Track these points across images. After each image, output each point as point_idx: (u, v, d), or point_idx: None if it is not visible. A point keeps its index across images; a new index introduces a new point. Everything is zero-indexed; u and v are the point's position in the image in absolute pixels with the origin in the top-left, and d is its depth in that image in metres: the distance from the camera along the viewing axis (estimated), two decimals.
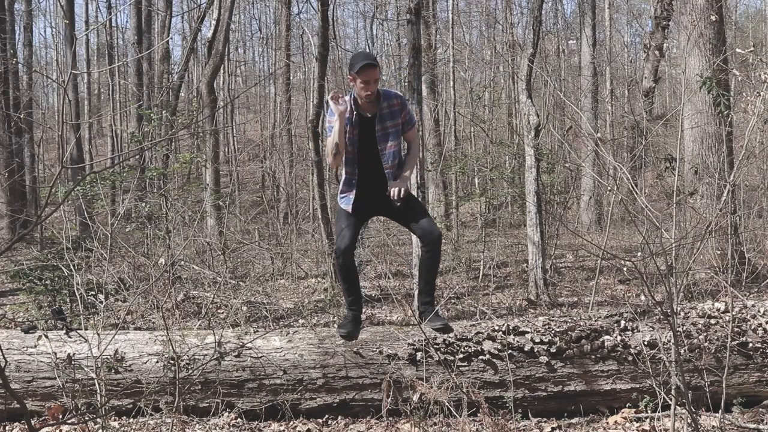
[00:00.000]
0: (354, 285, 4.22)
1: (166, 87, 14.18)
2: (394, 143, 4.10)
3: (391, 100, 4.06)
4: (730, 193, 5.43)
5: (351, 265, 4.15)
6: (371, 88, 3.94)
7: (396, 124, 4.08)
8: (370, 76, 3.90)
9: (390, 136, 4.07)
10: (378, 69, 3.93)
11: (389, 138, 4.07)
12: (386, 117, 4.05)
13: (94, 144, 27.29)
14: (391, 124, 4.07)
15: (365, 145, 4.06)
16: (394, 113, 4.06)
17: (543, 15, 10.26)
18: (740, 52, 4.74)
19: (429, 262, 4.14)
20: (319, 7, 9.27)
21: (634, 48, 28.88)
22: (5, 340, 4.20)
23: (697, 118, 8.33)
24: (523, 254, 9.66)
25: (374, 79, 3.92)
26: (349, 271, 4.15)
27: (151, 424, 3.90)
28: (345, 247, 4.03)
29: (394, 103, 4.06)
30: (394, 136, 4.09)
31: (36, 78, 23.29)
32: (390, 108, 4.06)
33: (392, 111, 4.06)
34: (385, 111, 4.05)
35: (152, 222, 8.08)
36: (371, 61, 3.90)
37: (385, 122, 4.05)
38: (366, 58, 3.95)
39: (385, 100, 4.05)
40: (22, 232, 1.91)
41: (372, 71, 3.89)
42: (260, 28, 29.86)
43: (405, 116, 4.11)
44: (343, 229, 4.10)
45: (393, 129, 4.07)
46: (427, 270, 4.18)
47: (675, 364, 3.42)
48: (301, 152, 18.95)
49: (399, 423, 3.84)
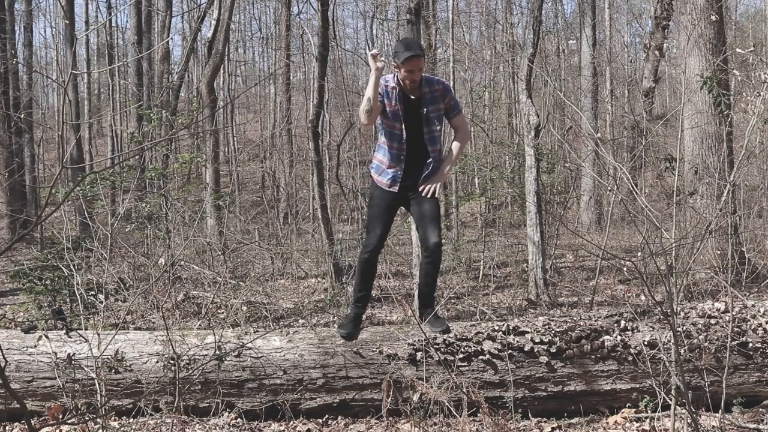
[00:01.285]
0: (369, 283, 4.27)
1: (166, 87, 14.18)
2: (437, 128, 4.13)
3: (434, 86, 4.10)
4: (730, 193, 5.43)
5: (374, 264, 4.21)
6: (416, 77, 3.97)
7: (438, 109, 4.11)
8: (415, 65, 3.93)
9: (434, 120, 4.09)
10: (423, 58, 3.94)
11: (433, 122, 4.09)
12: (429, 101, 4.07)
13: (94, 144, 27.29)
14: (433, 109, 4.09)
15: (409, 125, 4.08)
16: (436, 98, 4.09)
17: (543, 15, 10.26)
18: (740, 52, 4.74)
19: (428, 268, 4.17)
20: (319, 7, 9.26)
21: (634, 48, 28.88)
22: (5, 340, 4.20)
23: (697, 118, 8.33)
24: (523, 254, 9.66)
25: (419, 68, 3.95)
26: (370, 268, 4.21)
27: (151, 424, 3.90)
28: (374, 246, 4.11)
29: (437, 89, 4.10)
30: (438, 120, 4.11)
31: (36, 78, 23.29)
32: (432, 93, 4.08)
33: (434, 96, 4.09)
34: (427, 96, 4.07)
35: (152, 222, 8.08)
36: (417, 52, 3.90)
37: (428, 106, 4.07)
38: (411, 48, 3.93)
39: (427, 85, 4.08)
40: (23, 232, 1.91)
41: (417, 61, 3.91)
42: (260, 28, 29.88)
43: (449, 102, 4.14)
44: (375, 224, 4.14)
45: (435, 114, 4.10)
46: (426, 275, 4.21)
47: (675, 364, 3.42)
48: (301, 152, 18.95)
49: (399, 423, 3.84)
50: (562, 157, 13.27)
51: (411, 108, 4.07)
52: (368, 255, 4.11)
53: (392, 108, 4.06)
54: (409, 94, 4.07)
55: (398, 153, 4.12)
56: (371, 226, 4.18)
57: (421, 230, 4.15)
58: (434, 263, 4.13)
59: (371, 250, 4.10)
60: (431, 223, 4.10)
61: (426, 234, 4.08)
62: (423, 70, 4.00)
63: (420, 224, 4.18)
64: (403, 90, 4.06)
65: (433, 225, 4.09)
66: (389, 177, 4.15)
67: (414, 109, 4.07)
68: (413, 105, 4.07)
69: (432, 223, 4.10)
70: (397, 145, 4.11)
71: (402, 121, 4.05)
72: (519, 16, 21.24)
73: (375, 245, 4.10)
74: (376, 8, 21.87)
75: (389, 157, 4.14)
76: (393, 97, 4.05)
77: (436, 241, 4.05)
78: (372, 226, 4.17)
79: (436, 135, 4.14)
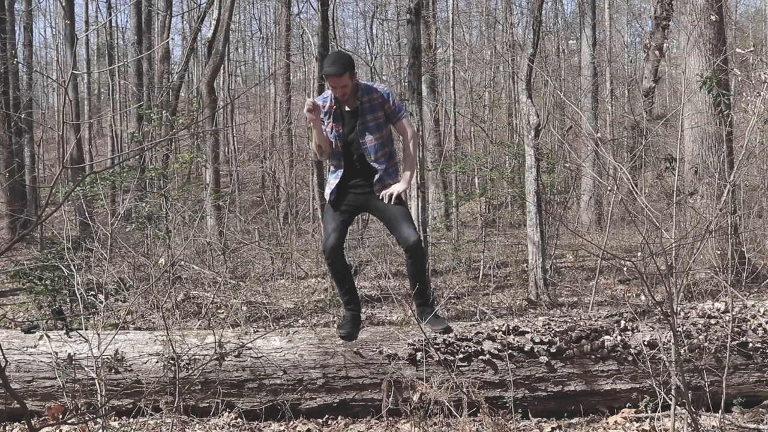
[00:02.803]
0: (348, 284, 4.23)
1: (166, 87, 14.18)
2: (375, 137, 4.10)
3: (372, 94, 4.08)
4: (730, 193, 5.43)
5: (341, 265, 4.17)
6: (339, 91, 3.98)
7: (377, 117, 4.09)
8: (335, 83, 3.94)
9: (370, 130, 4.08)
10: (344, 77, 3.90)
11: (369, 132, 4.08)
12: (366, 111, 4.07)
13: (94, 144, 27.30)
14: (372, 118, 4.08)
15: (349, 140, 4.11)
16: (374, 107, 4.08)
17: (543, 15, 10.26)
18: (740, 52, 4.74)
19: (412, 269, 4.16)
20: (319, 7, 9.26)
21: (634, 48, 28.89)
22: (5, 340, 4.20)
23: (697, 118, 8.33)
24: (523, 254, 9.66)
25: (340, 86, 3.95)
26: (340, 270, 4.17)
27: (151, 424, 3.90)
28: (331, 247, 4.06)
29: (375, 97, 4.08)
30: (375, 129, 4.09)
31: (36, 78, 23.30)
32: (371, 102, 4.07)
33: (373, 105, 4.08)
34: (365, 105, 4.07)
35: (152, 222, 8.08)
36: (334, 71, 3.88)
37: (365, 116, 4.07)
38: (331, 64, 3.91)
39: (365, 94, 4.07)
40: (23, 233, 1.91)
41: (335, 79, 3.91)
42: (260, 28, 29.90)
43: (389, 108, 4.11)
44: (328, 230, 4.15)
45: (373, 123, 4.09)
46: (412, 275, 4.19)
47: (675, 364, 3.42)
48: (301, 152, 18.96)
49: (399, 423, 3.84)
50: (562, 157, 13.28)
51: (348, 120, 4.10)
52: (330, 259, 4.09)
53: (331, 127, 4.11)
54: (346, 107, 4.08)
55: (335, 169, 4.19)
56: (326, 229, 4.19)
57: (396, 233, 4.14)
58: (416, 262, 4.10)
59: (330, 253, 4.06)
60: (402, 223, 4.08)
61: (400, 235, 4.06)
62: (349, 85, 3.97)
63: (391, 228, 4.18)
64: (341, 103, 4.07)
65: (404, 224, 4.07)
66: (331, 188, 4.20)
67: (351, 121, 4.10)
68: (351, 116, 4.10)
69: (403, 223, 4.08)
70: (335, 161, 4.18)
71: (339, 137, 4.10)
72: (519, 16, 21.27)
73: (332, 246, 4.07)
74: (376, 8, 21.88)
75: (331, 170, 4.24)
76: (330, 115, 4.10)
77: (414, 238, 4.03)
78: (327, 228, 4.18)
79: (376, 143, 4.11)
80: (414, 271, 4.14)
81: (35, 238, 9.04)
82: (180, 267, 7.90)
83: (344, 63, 3.92)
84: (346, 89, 3.97)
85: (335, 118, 4.10)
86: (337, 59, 3.95)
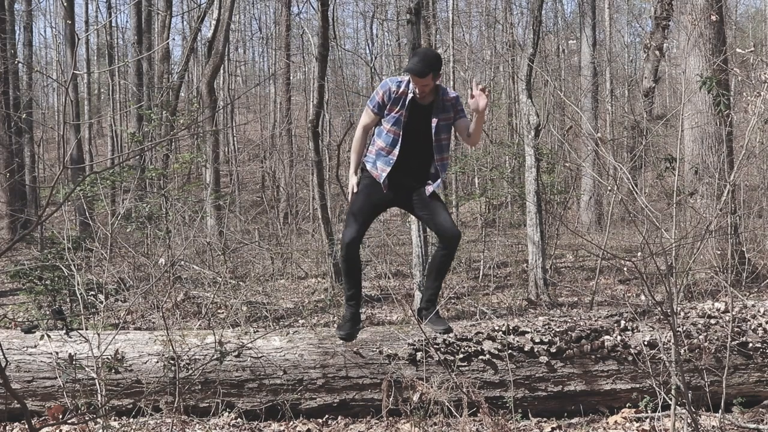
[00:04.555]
0: (356, 279, 4.22)
1: (166, 87, 14.18)
2: (446, 137, 4.15)
3: (447, 95, 4.12)
4: (730, 193, 5.43)
5: (355, 258, 4.15)
6: (420, 88, 3.98)
7: (448, 118, 4.13)
8: (416, 82, 3.94)
9: (442, 129, 4.12)
10: (427, 77, 3.91)
11: (443, 131, 4.12)
12: (441, 110, 4.09)
13: (94, 144, 27.30)
14: (444, 117, 4.11)
15: (412, 131, 4.08)
16: (447, 108, 4.11)
17: (543, 15, 10.26)
18: (740, 52, 4.74)
19: (442, 262, 4.16)
20: (319, 7, 9.26)
21: (634, 48, 28.87)
22: (5, 340, 4.20)
23: (697, 118, 8.33)
24: (523, 254, 9.66)
25: (422, 84, 3.95)
26: (352, 263, 4.14)
27: (151, 424, 3.91)
28: (351, 240, 4.04)
29: (448, 98, 4.11)
30: (445, 129, 4.14)
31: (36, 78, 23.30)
32: (443, 102, 4.10)
33: (445, 106, 4.11)
34: (441, 104, 4.09)
35: (152, 222, 8.08)
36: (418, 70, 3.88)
37: (439, 114, 4.09)
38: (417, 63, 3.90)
39: (442, 93, 4.10)
40: (23, 233, 1.91)
41: (417, 79, 3.92)
42: (260, 28, 29.88)
43: (456, 112, 4.16)
44: (352, 220, 4.10)
45: (445, 123, 4.12)
46: (438, 270, 4.20)
47: (675, 364, 3.42)
48: (301, 152, 18.97)
49: (399, 423, 3.83)
50: (562, 157, 13.28)
51: (418, 115, 4.08)
52: (348, 251, 4.05)
53: (395, 113, 4.06)
54: (420, 99, 4.06)
55: (388, 157, 4.10)
56: (351, 218, 4.11)
57: (438, 225, 4.11)
58: (450, 256, 4.13)
59: (348, 245, 4.03)
60: (445, 215, 4.11)
61: (444, 226, 4.07)
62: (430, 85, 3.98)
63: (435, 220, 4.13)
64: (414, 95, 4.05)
65: (448, 216, 4.12)
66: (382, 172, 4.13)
67: (422, 115, 4.08)
68: (422, 111, 4.08)
69: (446, 214, 4.11)
70: (389, 148, 4.10)
71: (402, 127, 4.06)
72: (519, 16, 21.28)
73: (352, 239, 4.03)
74: (376, 8, 21.89)
75: (378, 155, 4.15)
76: (400, 102, 4.05)
77: (457, 232, 4.08)
78: (352, 218, 4.11)
79: (444, 143, 4.14)
80: (441, 265, 4.16)
81: (35, 238, 9.04)
82: (180, 267, 7.90)
83: (430, 63, 3.90)
84: (426, 88, 3.98)
85: (402, 105, 4.05)
86: (423, 58, 3.93)
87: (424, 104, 4.07)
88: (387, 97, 4.06)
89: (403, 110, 4.04)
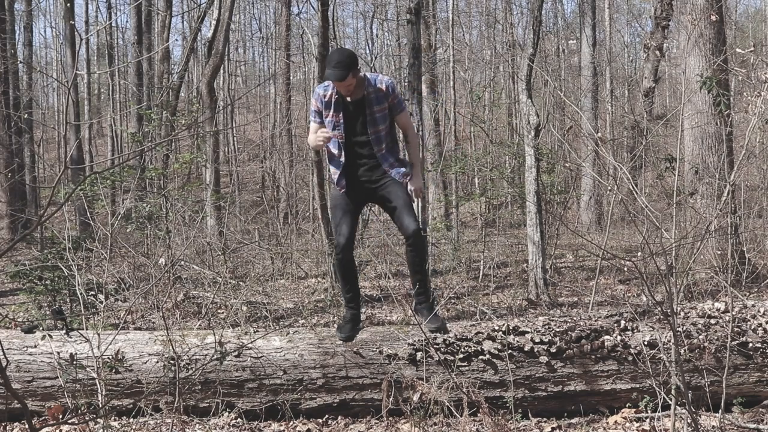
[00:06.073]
0: (353, 282, 4.24)
1: (166, 87, 14.18)
2: (383, 127, 4.15)
3: (377, 85, 4.11)
4: (730, 193, 5.43)
5: (351, 262, 4.18)
6: (344, 90, 4.01)
7: (383, 108, 4.13)
8: (338, 87, 3.99)
9: (377, 120, 4.12)
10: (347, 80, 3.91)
11: (377, 122, 4.12)
12: (373, 102, 4.09)
13: (94, 144, 27.31)
14: (378, 109, 4.11)
15: (351, 129, 4.12)
16: (380, 98, 4.10)
17: (543, 15, 10.26)
18: (740, 52, 4.74)
19: (411, 257, 4.15)
20: (319, 7, 9.25)
21: (634, 48, 28.89)
22: (5, 340, 4.20)
23: (697, 118, 8.32)
24: (523, 254, 9.66)
25: (344, 86, 3.97)
26: (348, 267, 4.18)
27: (151, 424, 3.91)
28: (344, 243, 4.08)
29: (380, 88, 4.10)
30: (381, 120, 4.13)
31: (36, 78, 23.30)
32: (376, 93, 4.10)
33: (378, 96, 4.10)
34: (371, 96, 4.09)
35: (152, 222, 8.08)
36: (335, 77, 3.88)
37: (372, 107, 4.09)
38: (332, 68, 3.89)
39: (370, 85, 4.09)
40: (24, 233, 1.91)
41: (341, 84, 3.94)
42: (260, 28, 29.90)
43: (392, 100, 4.15)
44: (340, 224, 4.15)
45: (380, 114, 4.12)
46: (412, 265, 4.19)
47: (675, 364, 3.42)
48: (301, 152, 18.95)
49: (399, 423, 3.84)
50: (562, 157, 13.28)
51: (353, 112, 4.11)
52: (341, 255, 4.10)
53: (331, 117, 4.11)
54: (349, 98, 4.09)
55: (337, 160, 4.18)
56: (337, 227, 4.19)
57: (398, 222, 4.15)
58: (417, 251, 4.10)
59: (343, 249, 4.09)
60: (403, 211, 4.10)
61: (402, 223, 4.09)
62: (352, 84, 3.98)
63: (394, 218, 4.19)
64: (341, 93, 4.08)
65: (405, 212, 4.09)
66: (337, 178, 4.20)
67: (357, 111, 4.11)
68: (356, 107, 4.10)
69: (404, 210, 4.10)
70: (336, 151, 4.17)
71: (341, 128, 4.11)
72: (519, 16, 21.29)
73: (345, 242, 4.09)
74: (376, 8, 21.89)
75: (331, 163, 4.23)
76: (332, 106, 4.10)
77: (414, 227, 4.05)
78: (338, 227, 4.18)
79: (381, 134, 4.15)
80: (414, 260, 4.14)
81: (35, 238, 9.03)
82: (180, 267, 7.90)
83: (344, 65, 3.90)
84: (350, 87, 4.01)
85: (336, 108, 4.10)
86: (338, 62, 3.91)
87: (356, 100, 4.09)
88: (320, 103, 4.13)
89: (337, 113, 4.10)
